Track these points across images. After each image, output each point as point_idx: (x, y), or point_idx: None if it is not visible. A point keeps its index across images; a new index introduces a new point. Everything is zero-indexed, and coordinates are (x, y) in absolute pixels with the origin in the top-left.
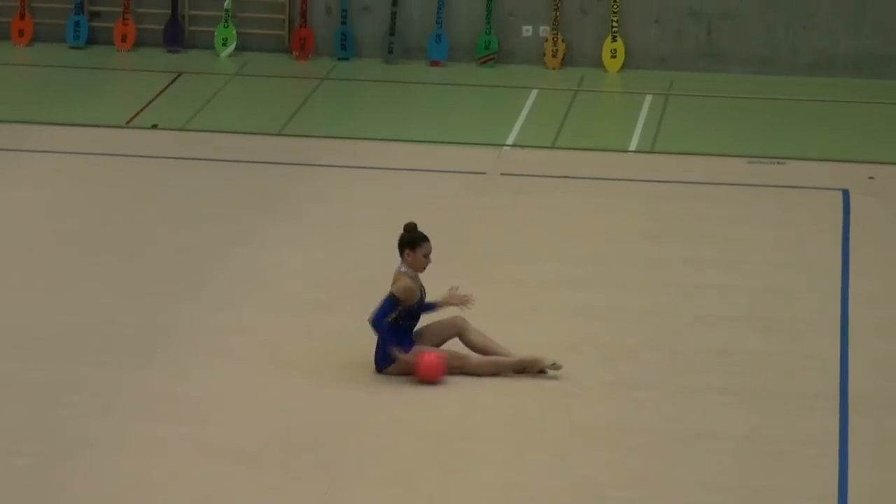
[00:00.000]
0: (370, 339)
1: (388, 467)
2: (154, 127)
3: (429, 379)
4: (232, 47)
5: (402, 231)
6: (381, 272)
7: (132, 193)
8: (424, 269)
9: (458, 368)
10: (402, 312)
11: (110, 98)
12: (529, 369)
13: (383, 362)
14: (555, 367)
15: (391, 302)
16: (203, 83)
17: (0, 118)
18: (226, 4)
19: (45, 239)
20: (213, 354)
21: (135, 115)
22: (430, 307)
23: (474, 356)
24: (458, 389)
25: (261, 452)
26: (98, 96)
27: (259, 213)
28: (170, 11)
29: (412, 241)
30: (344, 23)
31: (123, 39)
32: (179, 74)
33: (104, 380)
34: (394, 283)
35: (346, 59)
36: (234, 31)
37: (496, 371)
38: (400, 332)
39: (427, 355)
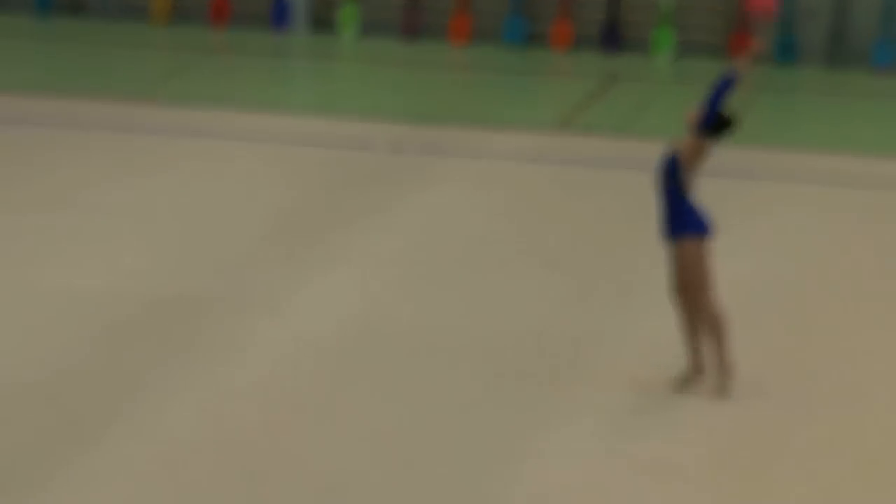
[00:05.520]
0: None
1: None
2: (588, 132)
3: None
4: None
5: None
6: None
7: (561, 199)
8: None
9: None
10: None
11: (545, 101)
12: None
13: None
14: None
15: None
16: (638, 88)
17: (434, 121)
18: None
19: (476, 242)
20: (640, 364)
21: (568, 120)
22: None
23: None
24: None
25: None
26: (533, 99)
27: None
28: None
29: (719, 128)
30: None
31: (560, 41)
32: (615, 78)
33: (530, 394)
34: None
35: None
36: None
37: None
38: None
39: None
